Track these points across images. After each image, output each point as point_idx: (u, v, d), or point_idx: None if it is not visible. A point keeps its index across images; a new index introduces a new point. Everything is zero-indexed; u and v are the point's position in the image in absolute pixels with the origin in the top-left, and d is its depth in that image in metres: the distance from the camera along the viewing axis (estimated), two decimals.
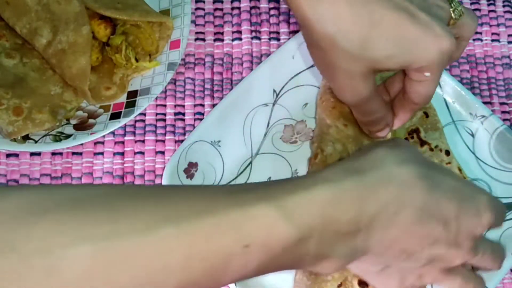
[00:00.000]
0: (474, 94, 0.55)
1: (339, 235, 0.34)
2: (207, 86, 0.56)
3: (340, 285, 0.46)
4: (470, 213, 0.38)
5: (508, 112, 0.57)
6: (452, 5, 0.42)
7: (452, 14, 0.42)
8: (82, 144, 0.52)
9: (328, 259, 0.34)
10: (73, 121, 0.52)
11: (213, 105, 0.55)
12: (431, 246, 0.37)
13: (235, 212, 0.31)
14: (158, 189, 0.34)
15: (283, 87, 0.54)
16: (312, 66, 0.55)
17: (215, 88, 0.56)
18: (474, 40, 0.59)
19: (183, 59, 0.56)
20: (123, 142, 0.53)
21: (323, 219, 0.33)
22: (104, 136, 0.53)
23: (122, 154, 0.53)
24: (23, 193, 0.30)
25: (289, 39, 0.56)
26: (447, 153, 0.51)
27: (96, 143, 0.53)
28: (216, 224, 0.31)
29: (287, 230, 0.32)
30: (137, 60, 0.54)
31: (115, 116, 0.52)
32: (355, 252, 0.35)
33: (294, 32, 0.57)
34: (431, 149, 0.51)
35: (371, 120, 0.46)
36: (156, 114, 0.54)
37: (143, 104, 0.52)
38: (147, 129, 0.54)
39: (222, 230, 0.31)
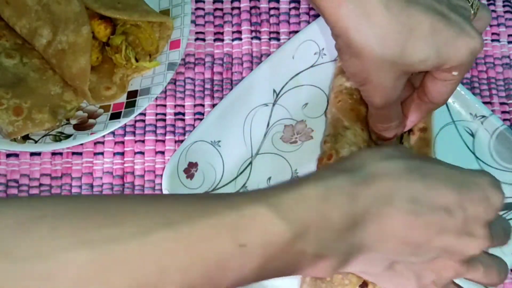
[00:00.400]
0: (474, 94, 0.55)
1: (334, 231, 0.34)
2: (207, 86, 0.56)
3: None
4: (476, 199, 0.37)
5: (508, 112, 0.57)
6: (469, 0, 0.42)
7: (471, 10, 0.42)
8: (82, 144, 0.52)
9: (325, 259, 0.34)
10: (73, 121, 0.52)
11: (213, 105, 0.55)
12: (438, 236, 0.36)
13: (229, 213, 0.32)
14: (152, 196, 0.35)
15: (283, 87, 0.54)
16: (312, 66, 0.55)
17: (215, 88, 0.56)
18: None
19: (183, 59, 0.56)
20: (123, 142, 0.53)
21: (316, 215, 0.33)
22: (104, 136, 0.53)
23: (122, 154, 0.53)
24: (20, 202, 0.30)
25: (289, 39, 0.56)
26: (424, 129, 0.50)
27: (96, 143, 0.53)
28: (211, 226, 0.31)
29: (282, 227, 0.32)
30: (137, 60, 0.54)
31: (115, 116, 0.52)
32: (352, 250, 0.35)
33: (294, 32, 0.57)
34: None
35: (388, 126, 0.46)
36: (156, 114, 0.54)
37: (143, 104, 0.52)
38: (147, 129, 0.54)
39: (217, 231, 0.31)
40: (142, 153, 0.53)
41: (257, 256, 0.32)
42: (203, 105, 0.55)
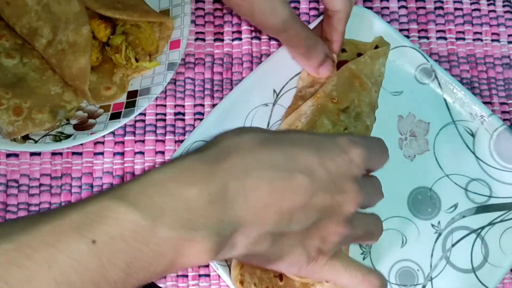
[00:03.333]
0: (474, 94, 0.55)
1: (195, 210, 0.32)
2: (207, 86, 0.56)
3: None
4: (335, 156, 0.37)
5: (508, 112, 0.57)
6: None
7: None
8: (82, 144, 0.52)
9: (196, 242, 0.32)
10: (73, 121, 0.52)
11: (213, 105, 0.55)
12: (310, 198, 0.35)
13: (73, 212, 0.30)
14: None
15: (283, 87, 0.54)
16: None
17: (215, 88, 0.56)
18: (474, 40, 0.59)
19: (183, 59, 0.56)
20: (123, 142, 0.53)
21: (169, 197, 0.31)
22: (104, 136, 0.53)
23: (122, 154, 0.53)
24: None
25: None
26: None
27: (96, 143, 0.53)
28: (54, 228, 0.29)
29: (133, 215, 0.30)
30: (137, 60, 0.54)
31: (115, 116, 0.52)
32: (225, 228, 0.33)
33: None
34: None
35: (308, 51, 0.48)
36: (156, 114, 0.54)
37: (143, 104, 0.52)
38: (147, 129, 0.54)
39: (62, 232, 0.29)
40: (142, 153, 0.53)
41: (116, 251, 0.29)
42: (203, 105, 0.55)
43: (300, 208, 0.35)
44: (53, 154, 0.53)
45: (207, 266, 0.51)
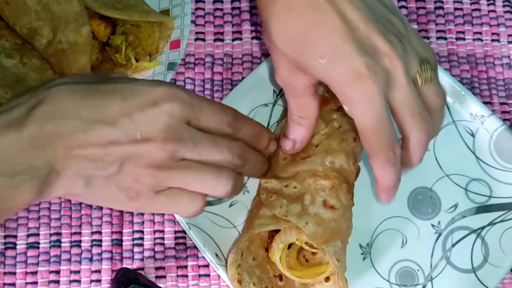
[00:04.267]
0: (474, 94, 0.55)
1: (8, 160, 0.36)
2: (207, 86, 0.56)
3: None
4: (145, 105, 0.38)
5: (508, 112, 0.57)
6: (421, 67, 0.41)
7: (418, 78, 0.41)
8: None
9: (15, 187, 0.36)
10: None
11: None
12: (111, 147, 0.38)
13: None
14: None
15: None
16: None
17: (215, 88, 0.56)
18: (474, 40, 0.59)
19: (183, 59, 0.56)
20: None
21: None
22: None
23: None
24: None
25: None
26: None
27: None
28: None
29: None
30: (137, 60, 0.54)
31: None
32: (36, 171, 0.37)
33: None
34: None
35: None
36: None
37: None
38: None
39: None
40: None
41: None
42: None
43: (102, 156, 0.38)
44: None
45: (207, 266, 0.51)
